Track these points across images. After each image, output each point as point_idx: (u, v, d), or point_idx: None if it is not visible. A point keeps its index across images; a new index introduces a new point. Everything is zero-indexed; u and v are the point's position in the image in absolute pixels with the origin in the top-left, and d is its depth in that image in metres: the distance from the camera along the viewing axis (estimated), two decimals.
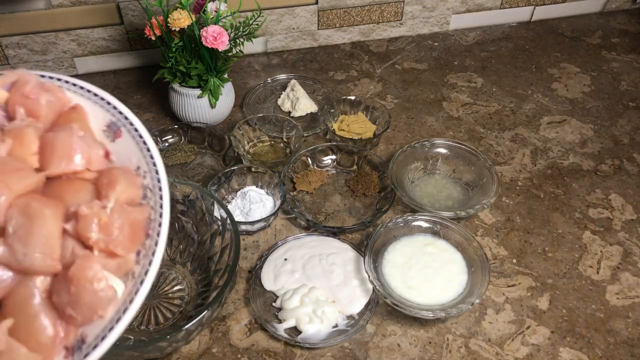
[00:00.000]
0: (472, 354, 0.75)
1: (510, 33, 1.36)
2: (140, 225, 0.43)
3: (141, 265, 0.42)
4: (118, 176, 0.43)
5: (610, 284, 0.84)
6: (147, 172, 0.45)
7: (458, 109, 1.15)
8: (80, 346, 0.40)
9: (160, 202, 0.44)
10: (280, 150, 1.04)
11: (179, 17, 0.92)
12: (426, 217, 0.87)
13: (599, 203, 0.96)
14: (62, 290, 0.40)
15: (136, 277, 0.41)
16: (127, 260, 0.42)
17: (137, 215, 0.43)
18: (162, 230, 0.43)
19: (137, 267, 0.42)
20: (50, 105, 0.46)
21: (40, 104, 0.45)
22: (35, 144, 0.43)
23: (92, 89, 0.49)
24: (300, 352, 0.75)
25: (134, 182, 0.44)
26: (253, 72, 1.24)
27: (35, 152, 0.43)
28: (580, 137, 1.09)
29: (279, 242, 0.87)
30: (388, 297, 0.76)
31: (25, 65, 1.17)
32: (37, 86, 0.46)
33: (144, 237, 0.43)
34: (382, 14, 1.29)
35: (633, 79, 1.23)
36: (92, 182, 0.44)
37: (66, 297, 0.40)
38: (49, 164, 0.43)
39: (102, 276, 0.40)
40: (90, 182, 0.44)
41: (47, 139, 0.44)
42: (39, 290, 0.41)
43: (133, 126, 0.47)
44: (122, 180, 0.43)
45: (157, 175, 0.45)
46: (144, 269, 0.41)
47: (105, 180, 0.43)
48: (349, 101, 1.09)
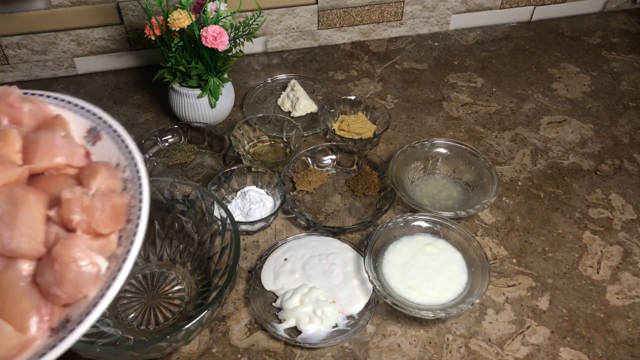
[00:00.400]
0: (472, 354, 0.75)
1: (511, 33, 1.36)
2: (121, 209, 0.45)
3: (123, 247, 0.44)
4: (99, 167, 0.46)
5: (611, 284, 0.84)
6: (126, 166, 0.48)
7: (458, 109, 1.15)
8: (65, 325, 0.42)
9: (140, 190, 0.46)
10: (280, 150, 1.04)
11: (178, 17, 0.92)
12: (426, 217, 0.87)
13: (599, 203, 0.96)
14: (47, 270, 0.42)
15: (119, 258, 0.43)
16: (110, 242, 0.44)
17: (117, 200, 0.45)
18: (142, 215, 0.45)
19: (120, 249, 0.44)
20: (32, 114, 0.49)
21: (23, 112, 0.48)
22: (18, 143, 0.46)
23: (72, 100, 0.53)
24: (300, 352, 0.75)
25: (114, 174, 0.47)
26: (253, 72, 1.24)
27: (18, 150, 0.45)
28: (581, 137, 1.09)
29: (279, 242, 0.87)
30: (388, 297, 0.76)
31: (25, 65, 1.17)
32: (20, 97, 0.49)
33: (125, 222, 0.45)
34: (382, 14, 1.29)
35: (633, 79, 1.23)
36: (74, 177, 0.47)
37: (51, 276, 0.41)
38: (32, 160, 0.45)
39: (86, 254, 0.42)
40: (72, 177, 0.47)
41: (31, 138, 0.46)
42: (25, 274, 0.42)
43: (112, 128, 0.51)
44: (103, 171, 0.46)
45: (136, 168, 0.48)
46: (126, 250, 0.43)
47: (86, 172, 0.46)
48: (349, 101, 1.09)
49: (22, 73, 1.18)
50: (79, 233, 0.43)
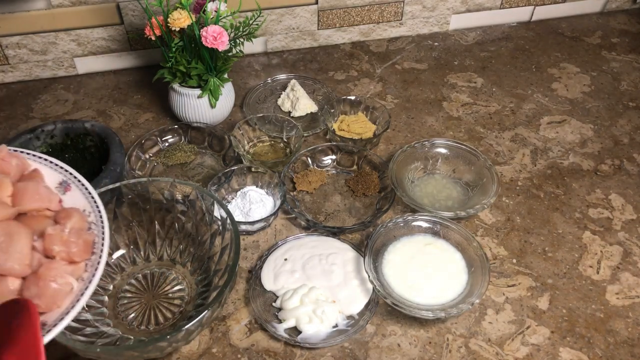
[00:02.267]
0: (472, 354, 0.75)
1: (510, 33, 1.36)
2: (89, 244, 0.59)
3: (89, 272, 0.58)
4: (73, 211, 0.61)
5: (610, 284, 0.84)
6: (91, 212, 0.63)
7: (458, 109, 1.15)
8: (42, 327, 0.53)
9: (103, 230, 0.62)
10: (280, 150, 1.04)
11: (179, 17, 0.93)
12: (426, 217, 0.87)
13: (599, 203, 0.96)
14: (32, 285, 0.55)
15: (85, 280, 0.57)
16: (79, 268, 0.58)
17: (87, 237, 0.60)
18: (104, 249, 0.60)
19: (86, 274, 0.58)
20: (17, 167, 0.63)
21: (11, 165, 0.62)
22: (10, 189, 0.60)
23: (47, 158, 0.67)
24: (300, 352, 0.75)
25: (82, 218, 0.61)
26: (253, 72, 1.24)
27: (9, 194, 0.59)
28: (580, 137, 1.09)
29: (279, 242, 0.87)
30: (388, 297, 0.76)
31: (25, 65, 1.17)
32: (8, 153, 0.63)
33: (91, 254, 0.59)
34: (382, 14, 1.29)
35: (633, 79, 1.23)
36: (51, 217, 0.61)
37: (35, 290, 0.55)
38: (21, 203, 0.59)
39: (62, 276, 0.56)
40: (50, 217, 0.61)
41: (20, 186, 0.60)
42: (12, 288, 0.55)
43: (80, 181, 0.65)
44: (75, 214, 0.61)
45: (99, 214, 0.63)
46: (91, 274, 0.58)
47: (62, 214, 0.60)
48: (349, 101, 1.10)
49: (22, 73, 1.18)
50: (57, 259, 0.56)
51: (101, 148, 0.94)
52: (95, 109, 1.14)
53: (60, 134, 0.95)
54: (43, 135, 0.93)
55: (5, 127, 1.10)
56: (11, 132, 1.08)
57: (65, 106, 1.14)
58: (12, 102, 1.15)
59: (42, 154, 0.68)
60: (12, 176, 0.62)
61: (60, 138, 0.95)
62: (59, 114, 1.12)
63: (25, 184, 0.61)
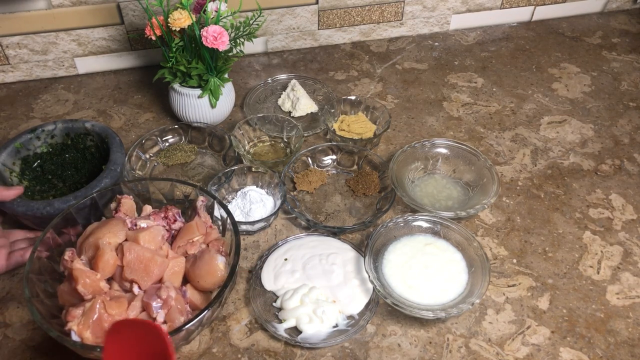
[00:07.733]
0: (472, 354, 0.75)
1: (511, 33, 1.36)
2: None
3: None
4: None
5: (611, 284, 0.84)
6: None
7: (458, 109, 1.15)
8: None
9: None
10: (281, 150, 1.04)
11: (179, 17, 0.93)
12: (426, 217, 0.87)
13: (599, 203, 0.96)
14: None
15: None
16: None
17: None
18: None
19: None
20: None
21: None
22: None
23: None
24: (300, 352, 0.75)
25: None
26: (253, 72, 1.24)
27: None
28: (581, 137, 1.09)
29: (279, 242, 0.87)
30: (388, 297, 0.76)
31: (25, 65, 1.17)
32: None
33: None
34: (383, 14, 1.29)
35: (633, 79, 1.23)
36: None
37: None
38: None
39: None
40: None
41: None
42: None
43: None
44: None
45: None
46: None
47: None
48: (349, 101, 1.10)
49: (22, 73, 1.18)
50: None
51: (101, 148, 0.94)
52: (95, 108, 1.14)
53: (60, 134, 0.95)
54: (43, 135, 0.94)
55: (6, 127, 1.10)
56: (12, 132, 1.09)
57: (66, 106, 1.15)
58: (13, 102, 1.15)
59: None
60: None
61: (61, 138, 0.95)
62: (60, 114, 1.12)
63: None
